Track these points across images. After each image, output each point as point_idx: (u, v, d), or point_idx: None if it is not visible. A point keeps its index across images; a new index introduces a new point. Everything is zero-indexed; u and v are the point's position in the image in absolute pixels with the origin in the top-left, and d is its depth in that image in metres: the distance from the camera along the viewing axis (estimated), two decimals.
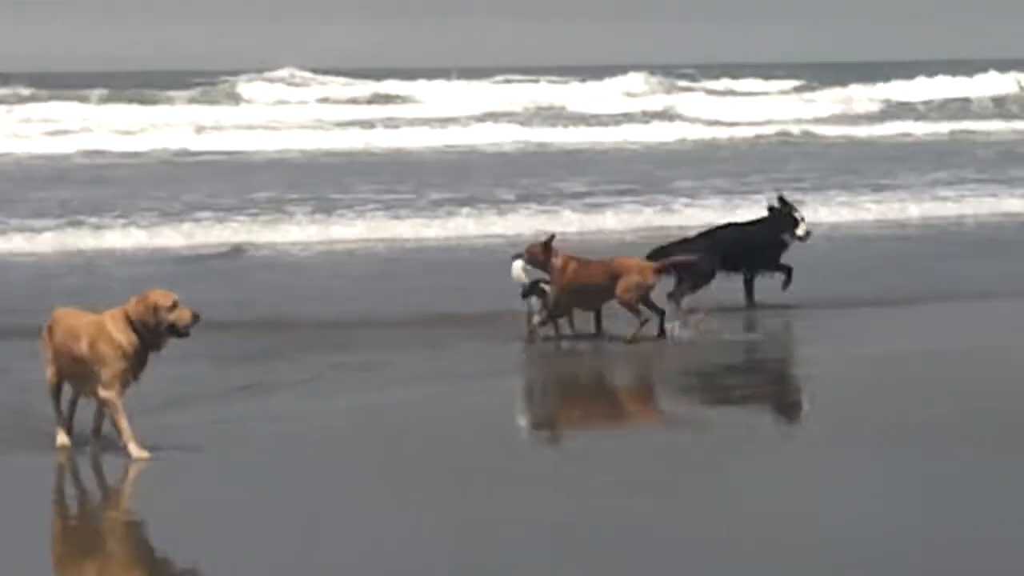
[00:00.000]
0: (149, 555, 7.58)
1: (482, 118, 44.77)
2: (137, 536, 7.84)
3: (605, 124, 43.29)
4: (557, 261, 12.54)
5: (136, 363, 9.16)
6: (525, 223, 20.65)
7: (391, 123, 42.75)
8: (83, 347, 9.18)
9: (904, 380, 11.13)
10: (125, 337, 9.15)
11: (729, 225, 14.76)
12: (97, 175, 28.92)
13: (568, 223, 20.48)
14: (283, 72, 63.58)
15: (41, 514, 8.21)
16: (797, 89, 63.99)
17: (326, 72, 65.66)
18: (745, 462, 8.86)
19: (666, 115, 47.05)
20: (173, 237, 19.63)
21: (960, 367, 11.66)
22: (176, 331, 9.15)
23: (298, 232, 20.11)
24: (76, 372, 9.28)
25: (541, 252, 12.63)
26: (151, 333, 9.12)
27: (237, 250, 18.61)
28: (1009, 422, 9.69)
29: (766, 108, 50.46)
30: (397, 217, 21.40)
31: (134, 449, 8.96)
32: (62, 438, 9.29)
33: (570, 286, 12.47)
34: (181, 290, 9.37)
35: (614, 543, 7.33)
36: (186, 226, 20.29)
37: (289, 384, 11.04)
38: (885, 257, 17.99)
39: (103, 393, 9.09)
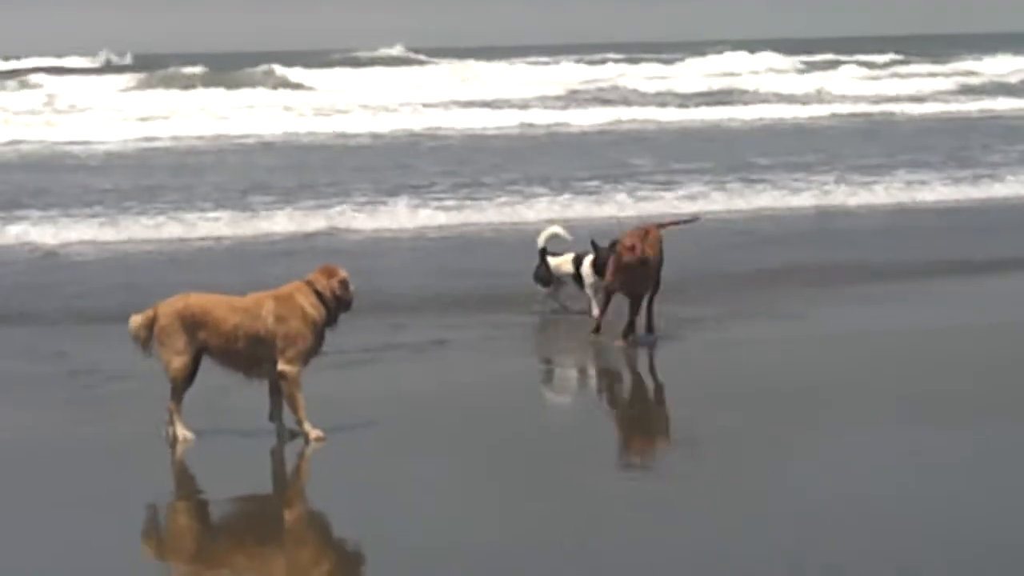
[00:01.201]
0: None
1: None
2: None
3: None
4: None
5: (321, 339, 9.34)
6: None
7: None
8: (269, 323, 9.21)
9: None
10: (317, 311, 9.29)
11: None
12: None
13: None
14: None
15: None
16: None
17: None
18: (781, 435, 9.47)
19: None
20: None
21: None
22: (350, 305, 9.40)
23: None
24: (245, 354, 9.27)
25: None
26: (338, 308, 9.29)
27: None
28: None
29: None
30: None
31: (310, 429, 9.27)
32: (185, 432, 9.35)
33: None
34: None
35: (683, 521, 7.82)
36: None
37: None
38: None
39: (289, 369, 9.19)
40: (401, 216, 20.55)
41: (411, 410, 10.26)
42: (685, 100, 45.44)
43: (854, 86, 51.10)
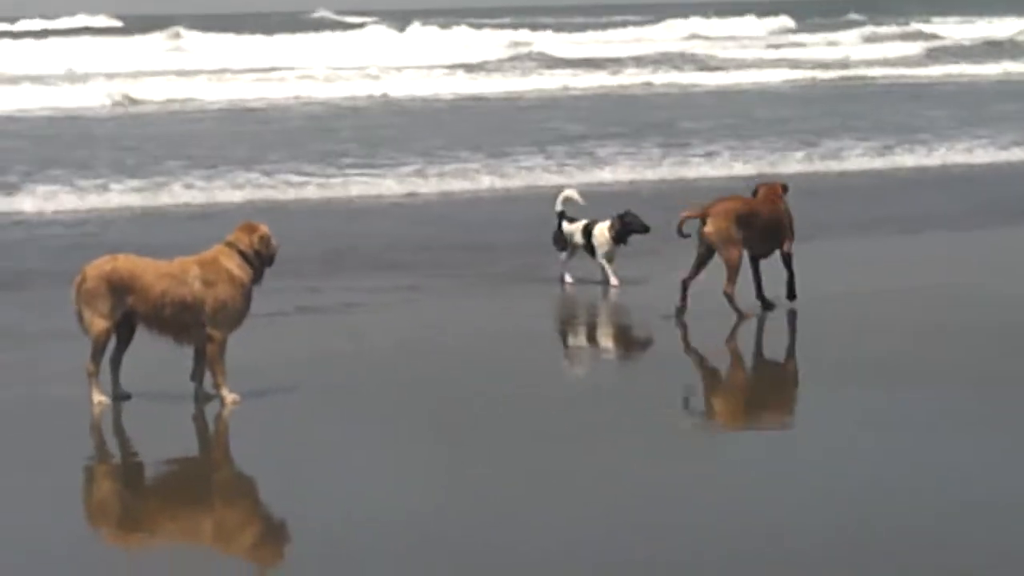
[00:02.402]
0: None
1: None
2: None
3: None
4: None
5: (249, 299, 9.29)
6: None
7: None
8: (196, 288, 9.15)
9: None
10: (244, 272, 9.22)
11: None
12: None
13: None
14: None
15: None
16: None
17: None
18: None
19: None
20: None
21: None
22: (272, 261, 9.34)
23: None
24: (175, 319, 9.22)
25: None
26: (263, 266, 9.25)
27: None
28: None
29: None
30: None
31: (227, 393, 9.28)
32: (101, 396, 9.33)
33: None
34: None
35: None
36: None
37: None
38: None
39: (218, 333, 9.15)
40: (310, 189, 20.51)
41: (327, 373, 10.32)
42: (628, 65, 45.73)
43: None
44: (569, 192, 13.92)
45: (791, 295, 12.26)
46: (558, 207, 13.71)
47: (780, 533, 7.09)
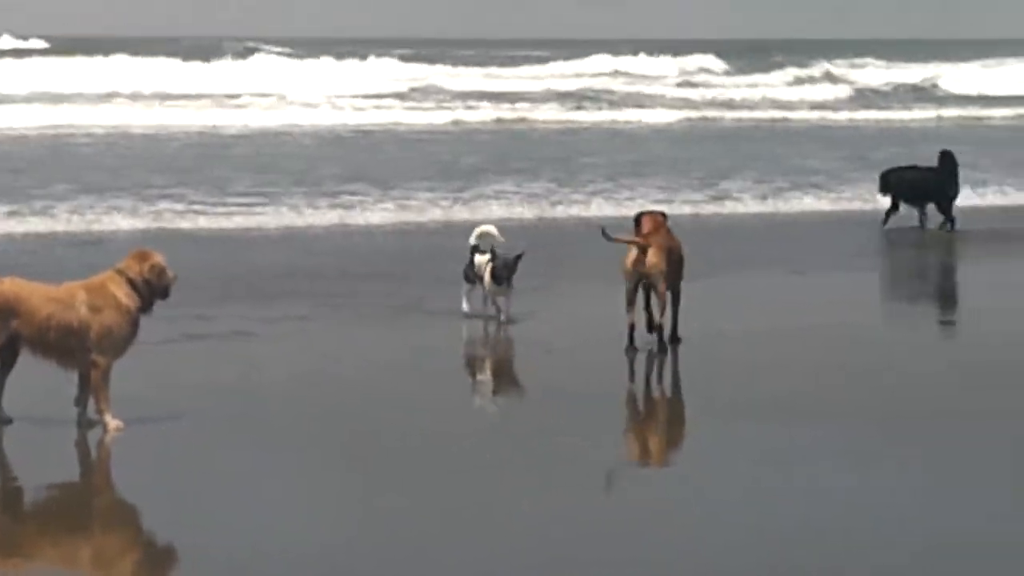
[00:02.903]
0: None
1: None
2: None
3: None
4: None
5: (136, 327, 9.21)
6: None
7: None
8: (82, 313, 9.09)
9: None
10: (131, 300, 9.14)
11: None
12: None
13: None
14: None
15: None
16: None
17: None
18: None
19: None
20: None
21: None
22: (166, 293, 9.30)
23: None
24: (60, 344, 9.15)
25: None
26: (152, 295, 9.16)
27: None
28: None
29: None
30: None
31: (110, 420, 9.15)
32: None
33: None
34: None
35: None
36: None
37: None
38: None
39: (102, 359, 9.04)
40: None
41: (219, 401, 10.22)
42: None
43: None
44: (487, 228, 13.93)
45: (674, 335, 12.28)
46: (472, 240, 13.73)
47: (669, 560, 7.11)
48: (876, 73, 64.97)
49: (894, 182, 20.27)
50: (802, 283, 16.26)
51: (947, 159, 20.16)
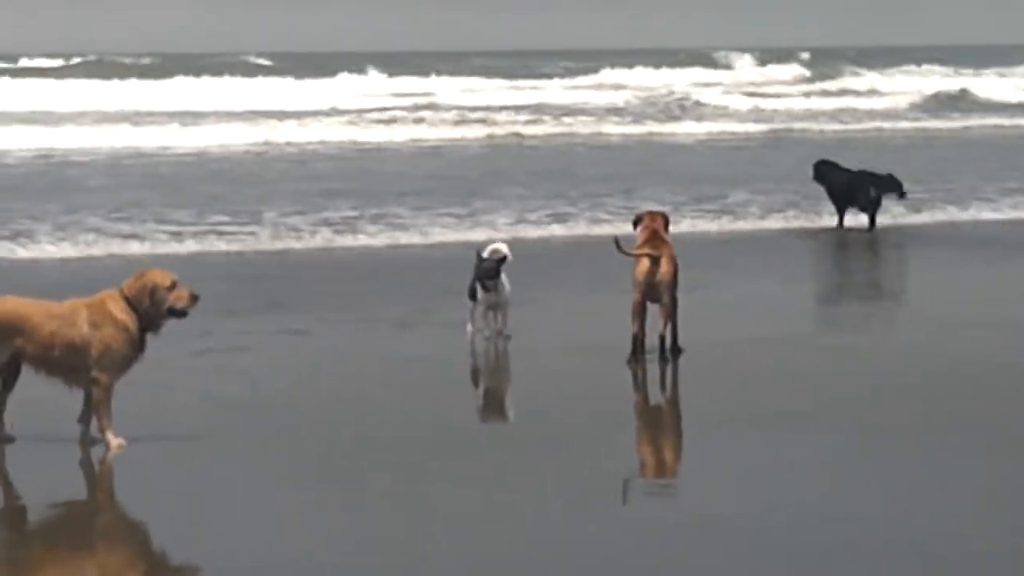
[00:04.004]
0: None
1: None
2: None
3: None
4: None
5: (137, 346, 9.23)
6: None
7: None
8: (84, 331, 9.13)
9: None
10: (128, 317, 9.16)
11: None
12: None
13: None
14: None
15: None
16: None
17: None
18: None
19: None
20: None
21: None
22: (175, 312, 9.28)
23: None
24: (64, 361, 9.18)
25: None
26: (149, 314, 9.18)
27: None
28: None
29: None
30: None
31: (111, 437, 9.15)
32: None
33: None
34: None
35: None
36: None
37: None
38: None
39: (103, 376, 9.06)
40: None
41: (221, 418, 10.22)
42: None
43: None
44: (498, 245, 13.79)
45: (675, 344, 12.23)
46: (485, 255, 13.58)
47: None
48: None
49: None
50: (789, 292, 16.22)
51: None
